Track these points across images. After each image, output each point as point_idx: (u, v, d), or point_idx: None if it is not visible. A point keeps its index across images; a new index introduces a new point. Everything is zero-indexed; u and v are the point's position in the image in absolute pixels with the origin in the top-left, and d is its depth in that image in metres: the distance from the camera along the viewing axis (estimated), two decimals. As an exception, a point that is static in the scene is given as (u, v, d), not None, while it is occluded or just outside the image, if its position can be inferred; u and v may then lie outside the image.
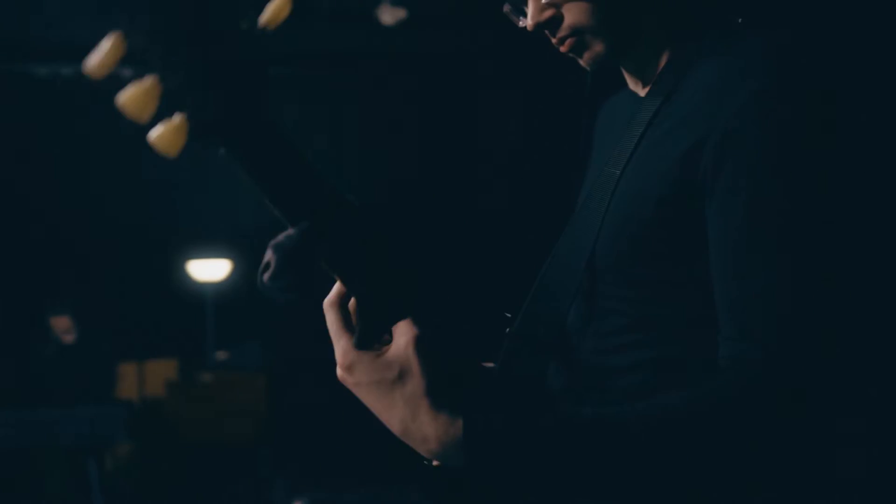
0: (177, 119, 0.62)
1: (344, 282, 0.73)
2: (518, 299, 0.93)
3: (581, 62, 0.92)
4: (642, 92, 0.95)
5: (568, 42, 0.89)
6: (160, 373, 5.25)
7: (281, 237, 0.67)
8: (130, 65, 0.62)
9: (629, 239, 0.85)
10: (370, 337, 0.73)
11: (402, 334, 0.72)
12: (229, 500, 4.70)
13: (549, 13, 0.88)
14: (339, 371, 0.74)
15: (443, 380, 0.72)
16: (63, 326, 5.08)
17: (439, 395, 0.71)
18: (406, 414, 0.71)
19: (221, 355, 5.60)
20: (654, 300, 0.85)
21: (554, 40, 0.90)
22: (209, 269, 5.87)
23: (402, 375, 0.71)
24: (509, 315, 0.93)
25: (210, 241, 5.89)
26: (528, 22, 0.89)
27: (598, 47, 0.90)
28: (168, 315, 5.90)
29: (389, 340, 0.74)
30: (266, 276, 0.66)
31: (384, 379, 0.72)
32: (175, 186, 6.20)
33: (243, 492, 4.73)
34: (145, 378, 5.13)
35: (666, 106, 0.87)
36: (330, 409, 3.67)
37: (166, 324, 5.86)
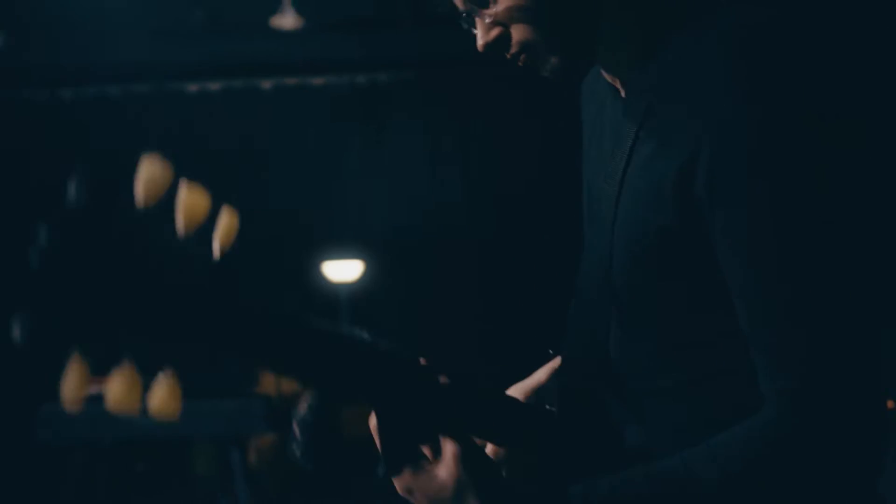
0: (167, 381, 0.62)
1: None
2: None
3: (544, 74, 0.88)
4: (622, 90, 0.91)
5: (522, 58, 0.86)
6: (297, 369, 5.48)
7: (302, 410, 0.72)
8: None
9: (640, 267, 0.84)
10: (396, 464, 0.79)
11: (447, 451, 0.77)
12: (357, 492, 4.86)
13: (496, 32, 0.85)
14: (399, 492, 0.81)
15: (497, 491, 0.77)
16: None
17: None
18: None
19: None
20: (673, 322, 0.84)
21: (507, 57, 0.87)
22: (343, 270, 6.09)
23: (458, 494, 0.77)
24: (552, 352, 0.94)
25: (343, 243, 6.11)
26: (478, 42, 0.86)
27: (553, 60, 0.85)
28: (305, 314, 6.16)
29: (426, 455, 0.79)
30: (297, 453, 0.74)
31: (443, 499, 0.77)
32: (309, 191, 6.48)
33: (370, 485, 4.88)
34: (283, 374, 5.37)
35: (649, 116, 0.83)
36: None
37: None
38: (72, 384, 0.56)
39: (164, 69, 6.45)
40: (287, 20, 5.98)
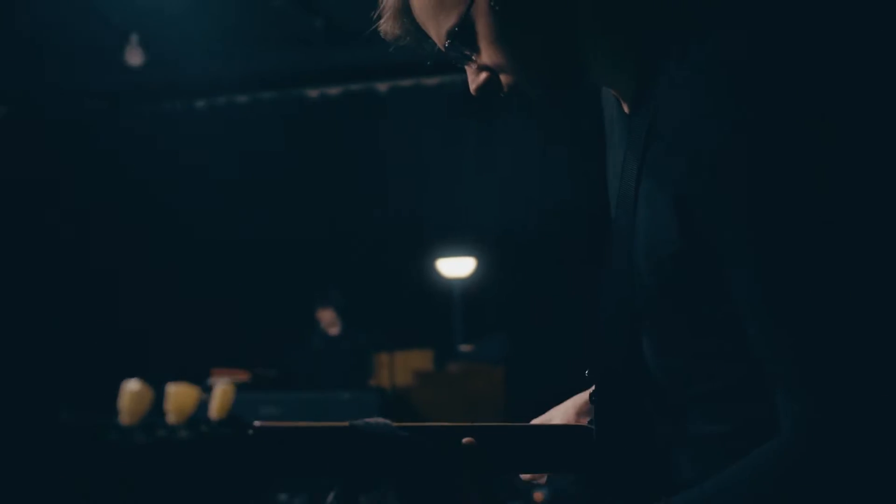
0: None
1: None
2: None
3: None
4: (625, 105, 0.91)
5: (515, 96, 0.88)
6: (410, 363, 5.67)
7: (330, 499, 0.79)
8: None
9: (659, 293, 0.84)
10: None
11: None
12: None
13: (484, 77, 0.88)
14: None
15: None
16: (328, 319, 5.68)
17: None
18: None
19: (466, 348, 5.91)
20: (697, 339, 0.84)
21: (501, 96, 0.89)
22: (456, 267, 6.21)
23: None
24: (588, 373, 0.94)
25: (456, 241, 6.24)
26: (470, 87, 0.89)
27: (542, 94, 0.88)
28: (419, 309, 6.35)
29: None
30: None
31: None
32: (424, 192, 6.65)
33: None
34: (395, 368, 5.56)
35: (651, 143, 0.82)
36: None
37: (417, 318, 6.30)
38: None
39: (287, 77, 6.79)
40: (400, 25, 6.15)
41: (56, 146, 6.73)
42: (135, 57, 5.90)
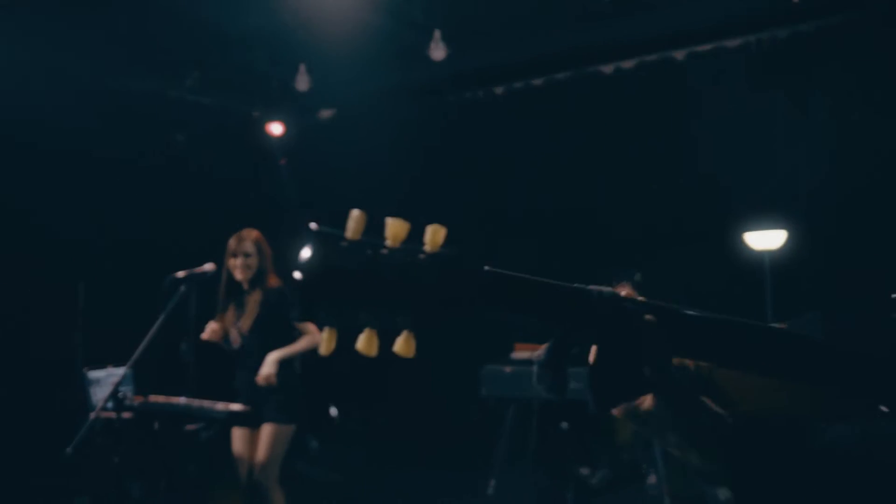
0: (406, 335, 0.77)
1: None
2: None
3: None
4: None
5: None
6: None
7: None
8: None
9: None
10: (602, 405, 0.87)
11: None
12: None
13: None
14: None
15: (695, 420, 0.83)
16: (626, 294, 5.62)
17: None
18: None
19: (777, 326, 5.51)
20: None
21: None
22: (766, 240, 5.83)
23: (655, 418, 0.84)
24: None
25: (766, 213, 5.84)
26: None
27: None
28: (726, 285, 6.03)
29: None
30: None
31: (643, 421, 0.86)
32: (730, 162, 6.28)
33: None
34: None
35: None
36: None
37: (725, 293, 5.99)
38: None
39: (580, 55, 6.81)
40: (694, -14, 5.87)
41: (375, 138, 7.42)
42: (438, 51, 6.30)
